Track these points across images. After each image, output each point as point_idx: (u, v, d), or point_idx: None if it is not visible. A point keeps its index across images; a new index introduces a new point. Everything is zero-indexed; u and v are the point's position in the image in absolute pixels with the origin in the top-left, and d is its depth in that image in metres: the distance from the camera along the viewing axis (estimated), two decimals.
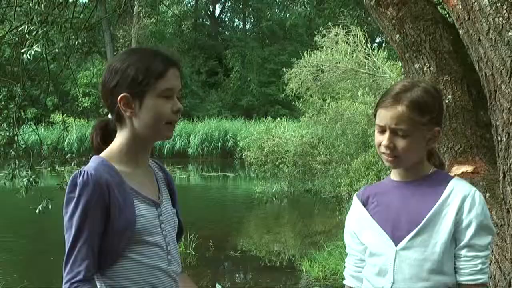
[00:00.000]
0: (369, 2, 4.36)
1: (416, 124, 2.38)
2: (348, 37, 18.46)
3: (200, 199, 20.10)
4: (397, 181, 2.53)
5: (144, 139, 2.37)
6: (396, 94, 2.42)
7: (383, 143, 2.42)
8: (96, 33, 9.86)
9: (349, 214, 2.66)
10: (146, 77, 2.28)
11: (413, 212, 2.42)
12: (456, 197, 2.38)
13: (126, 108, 2.29)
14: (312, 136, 18.58)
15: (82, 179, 2.20)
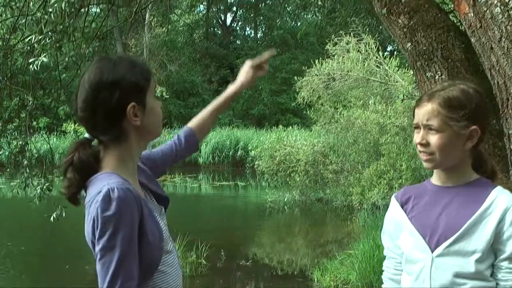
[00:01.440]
0: (380, 10, 4.35)
1: (446, 119, 2.37)
2: (360, 45, 18.46)
3: (211, 208, 20.09)
4: (438, 186, 2.49)
5: (144, 144, 2.33)
6: (431, 93, 2.44)
7: (417, 140, 2.43)
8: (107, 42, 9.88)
9: (386, 215, 2.64)
10: (146, 80, 2.25)
11: (452, 218, 2.39)
12: (498, 207, 2.33)
13: (135, 118, 2.20)
14: (324, 145, 18.56)
15: (117, 194, 2.03)
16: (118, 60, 2.27)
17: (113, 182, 2.08)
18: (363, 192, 15.85)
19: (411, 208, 2.52)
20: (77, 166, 2.22)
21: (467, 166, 2.46)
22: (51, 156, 14.60)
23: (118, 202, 2.02)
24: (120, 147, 2.24)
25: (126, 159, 2.26)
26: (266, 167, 18.91)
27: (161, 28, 37.62)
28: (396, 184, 15.20)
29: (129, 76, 2.19)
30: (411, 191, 2.58)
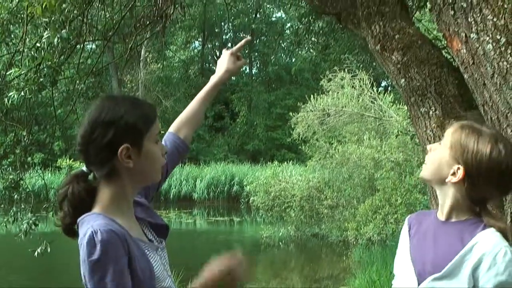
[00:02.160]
0: (374, 47, 4.39)
1: (445, 144, 2.43)
2: (354, 81, 18.59)
3: (206, 243, 19.99)
4: (437, 219, 2.50)
5: (138, 186, 2.31)
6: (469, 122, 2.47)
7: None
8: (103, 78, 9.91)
9: (400, 238, 2.65)
10: (146, 124, 2.23)
11: (439, 255, 2.39)
12: (476, 251, 2.30)
13: (127, 159, 2.19)
14: (319, 180, 18.57)
15: (100, 237, 2.02)
16: (121, 99, 2.30)
17: (97, 224, 2.06)
18: (359, 227, 15.82)
19: (413, 235, 2.54)
20: (70, 199, 2.23)
21: (462, 204, 2.44)
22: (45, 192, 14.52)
23: (102, 245, 2.00)
24: (113, 185, 2.24)
25: (118, 197, 2.24)
26: (261, 203, 18.88)
27: (157, 64, 37.77)
28: (392, 219, 15.18)
29: (127, 117, 2.19)
30: (419, 217, 2.61)
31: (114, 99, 2.32)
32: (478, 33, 3.16)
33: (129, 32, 8.23)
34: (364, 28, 4.51)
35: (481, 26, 3.15)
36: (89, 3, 6.92)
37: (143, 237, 2.30)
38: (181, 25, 38.68)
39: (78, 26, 6.95)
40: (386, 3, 4.43)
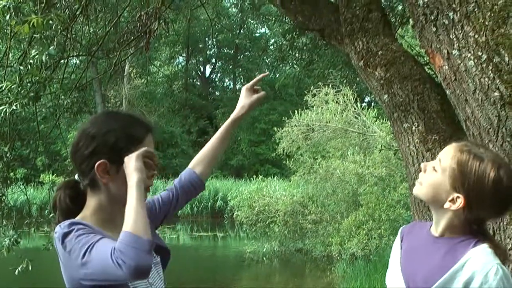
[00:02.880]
0: (357, 63, 4.42)
1: (443, 168, 2.39)
2: (338, 97, 18.65)
3: (190, 259, 19.91)
4: (430, 234, 2.48)
5: (122, 203, 2.25)
6: (468, 145, 2.43)
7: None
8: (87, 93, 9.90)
9: (393, 247, 2.64)
10: (127, 144, 2.24)
11: (430, 271, 2.38)
12: (467, 269, 2.29)
13: (103, 175, 2.24)
14: (303, 195, 18.57)
15: (71, 222, 2.14)
16: (114, 116, 2.38)
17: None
18: (342, 243, 15.82)
19: (405, 247, 2.54)
20: (57, 206, 2.34)
21: (457, 223, 2.43)
22: (28, 207, 14.44)
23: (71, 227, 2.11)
24: (95, 197, 2.29)
25: (100, 209, 2.29)
26: (245, 218, 18.85)
27: (140, 79, 37.74)
28: (375, 235, 15.20)
29: (110, 134, 2.24)
30: (412, 228, 2.61)
31: (109, 114, 2.43)
32: (460, 50, 3.19)
33: (113, 47, 8.23)
34: (348, 44, 4.54)
35: (462, 42, 3.18)
36: (73, 18, 6.93)
37: None
38: (165, 41, 38.69)
39: (62, 41, 6.94)
40: (369, 19, 4.47)
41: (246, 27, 51.27)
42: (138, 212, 2.06)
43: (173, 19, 11.67)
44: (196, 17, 40.56)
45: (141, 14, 7.25)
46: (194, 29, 47.06)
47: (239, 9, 48.69)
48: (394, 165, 16.31)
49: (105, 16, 8.31)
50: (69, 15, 6.75)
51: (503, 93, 2.95)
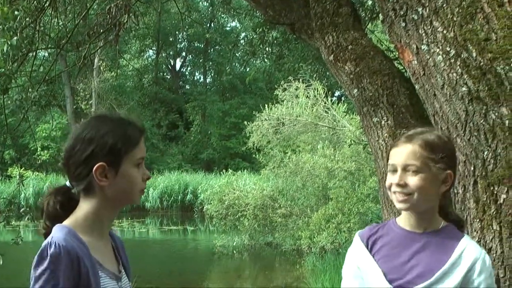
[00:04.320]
0: (327, 57, 4.43)
1: (427, 160, 2.43)
2: (308, 91, 18.69)
3: (160, 252, 19.86)
4: (408, 231, 2.52)
5: (115, 207, 2.32)
6: (409, 135, 2.50)
7: (394, 181, 2.45)
8: (56, 86, 9.80)
9: (351, 254, 2.62)
10: (125, 145, 2.24)
11: (423, 267, 2.43)
12: (467, 258, 2.40)
13: (101, 178, 2.23)
14: (273, 189, 18.60)
15: (54, 250, 2.09)
16: (108, 119, 2.34)
17: (56, 238, 2.13)
18: (312, 236, 15.88)
19: (378, 250, 2.54)
20: (45, 212, 2.30)
21: (436, 212, 2.52)
22: None
23: (50, 259, 2.07)
24: (89, 202, 2.27)
25: (92, 215, 2.27)
26: (215, 211, 18.83)
27: (110, 72, 37.44)
28: (345, 228, 15.28)
29: (107, 137, 2.23)
30: (378, 232, 2.59)
31: (102, 117, 2.37)
32: (429, 45, 3.22)
33: (83, 40, 8.16)
34: (318, 38, 4.55)
35: (431, 38, 3.21)
36: (41, 10, 6.85)
37: (108, 264, 2.32)
38: (135, 34, 38.51)
39: (31, 33, 6.87)
40: (339, 14, 4.49)
41: (216, 21, 51.14)
42: None
43: (143, 12, 11.61)
44: (167, 10, 40.40)
45: (110, 7, 7.20)
46: (164, 23, 46.90)
47: (210, 2, 48.65)
48: (364, 159, 16.41)
49: (74, 9, 8.23)
50: (37, 6, 6.68)
51: (471, 88, 2.99)
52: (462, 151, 3.03)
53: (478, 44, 3.02)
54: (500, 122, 2.88)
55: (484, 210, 2.91)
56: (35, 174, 31.79)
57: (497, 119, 2.89)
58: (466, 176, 3.01)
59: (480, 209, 2.93)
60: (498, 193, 2.86)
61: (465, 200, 3.03)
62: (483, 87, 2.96)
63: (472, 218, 2.97)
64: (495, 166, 2.87)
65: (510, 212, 2.81)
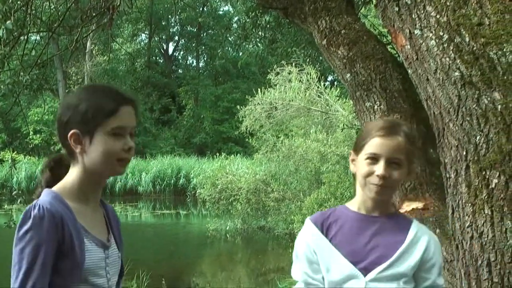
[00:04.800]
0: (320, 41, 4.43)
1: (410, 154, 2.48)
2: (301, 75, 18.67)
3: (152, 236, 19.90)
4: (363, 215, 2.55)
5: (95, 176, 2.33)
6: (391, 126, 2.51)
7: (379, 172, 2.45)
8: (48, 70, 9.76)
9: (303, 240, 2.64)
10: (97, 115, 2.26)
11: (383, 247, 2.49)
12: (423, 238, 2.50)
13: (76, 144, 2.27)
14: (266, 173, 18.63)
15: (37, 212, 2.14)
16: (92, 88, 2.44)
17: (43, 200, 2.21)
18: (304, 220, 15.90)
19: (335, 234, 2.56)
20: (43, 178, 2.43)
21: (392, 197, 2.65)
22: None
23: (33, 220, 2.14)
24: (75, 169, 2.33)
25: (77, 182, 2.33)
26: (208, 195, 18.86)
27: (103, 56, 37.31)
28: None
29: (82, 105, 2.27)
30: (330, 217, 2.61)
31: (87, 87, 2.49)
32: (422, 30, 3.22)
33: (75, 24, 8.12)
34: (311, 23, 4.54)
35: (424, 22, 3.21)
36: None
37: (95, 231, 2.35)
38: (128, 18, 38.29)
39: (22, 17, 6.83)
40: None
41: (209, 5, 51.01)
42: None
43: None
44: None
45: None
46: (157, 7, 46.70)
47: None
48: None
49: None
50: None
51: (464, 73, 2.99)
52: (455, 136, 3.03)
53: (471, 29, 3.03)
54: (492, 107, 2.88)
55: (476, 195, 2.92)
56: (27, 158, 31.77)
57: (490, 104, 2.90)
58: (458, 161, 3.02)
59: (472, 194, 2.94)
60: (490, 177, 2.87)
61: (457, 184, 3.04)
62: (476, 72, 2.96)
63: (464, 203, 2.98)
64: (487, 150, 2.88)
65: (501, 197, 2.83)
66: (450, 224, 3.15)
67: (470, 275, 2.94)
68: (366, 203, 2.55)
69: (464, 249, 2.97)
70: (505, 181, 2.82)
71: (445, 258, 3.41)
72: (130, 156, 2.35)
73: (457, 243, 3.04)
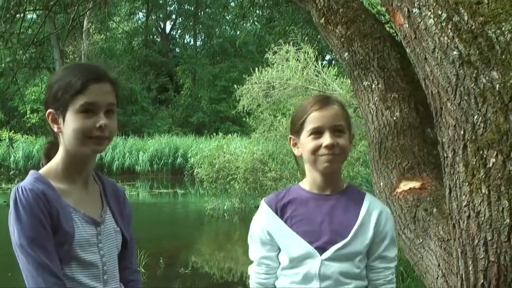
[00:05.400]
0: (318, 20, 4.41)
1: (348, 120, 2.60)
2: (299, 55, 18.61)
3: (150, 216, 19.91)
4: (317, 194, 2.63)
5: (74, 154, 2.34)
6: (323, 99, 2.62)
7: (326, 142, 2.51)
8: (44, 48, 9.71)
9: (258, 221, 2.71)
10: (64, 93, 2.28)
11: (337, 225, 2.56)
12: (374, 212, 2.59)
13: (53, 124, 2.32)
14: (263, 153, 18.62)
15: (22, 195, 2.18)
16: (66, 67, 2.42)
17: (25, 182, 2.26)
18: None
19: (290, 215, 2.62)
20: (42, 158, 2.47)
21: (341, 173, 2.73)
22: None
23: (21, 201, 2.18)
24: (60, 149, 2.37)
25: (62, 162, 2.36)
26: (205, 175, 18.87)
27: (100, 35, 37.20)
28: None
29: (54, 85, 2.32)
30: (284, 198, 2.66)
31: (65, 67, 2.45)
32: (420, 8, 3.20)
33: (71, 2, 8.08)
34: (308, 1, 4.52)
35: (423, 1, 3.19)
36: None
37: (84, 209, 2.37)
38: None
39: None
40: None
41: None
42: None
43: None
44: None
45: None
46: None
47: None
48: (354, 123, 16.38)
49: None
50: None
51: (462, 52, 2.98)
52: (452, 115, 3.03)
53: (470, 8, 3.01)
54: (490, 86, 2.88)
55: (473, 174, 2.92)
56: (24, 137, 31.75)
57: (488, 83, 2.89)
58: (456, 140, 3.02)
59: (470, 173, 2.94)
60: (487, 157, 2.87)
61: (455, 164, 3.03)
62: (474, 51, 2.95)
63: (461, 182, 2.98)
64: (484, 130, 2.88)
65: (498, 176, 2.83)
66: (447, 204, 3.15)
67: (467, 254, 2.94)
68: (317, 182, 2.62)
69: (461, 229, 2.98)
70: (503, 160, 2.82)
71: (442, 237, 3.42)
72: (107, 134, 2.32)
73: (454, 223, 3.05)
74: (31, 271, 2.17)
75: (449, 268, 3.32)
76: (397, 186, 3.77)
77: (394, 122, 3.91)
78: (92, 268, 2.33)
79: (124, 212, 2.61)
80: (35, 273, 2.16)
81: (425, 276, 3.51)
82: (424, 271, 3.50)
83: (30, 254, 2.16)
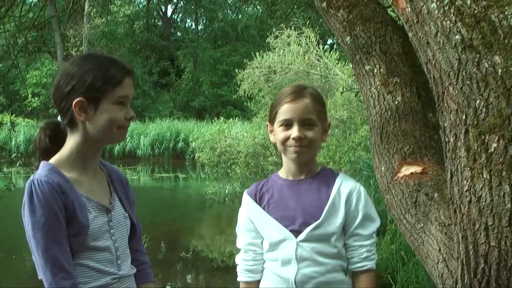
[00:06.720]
0: (320, 4, 4.39)
1: (320, 114, 2.69)
2: (300, 39, 18.56)
3: (151, 200, 19.94)
4: (291, 180, 2.78)
5: (96, 143, 2.40)
6: (296, 91, 2.70)
7: (294, 135, 2.64)
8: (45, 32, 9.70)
9: (242, 211, 2.89)
10: (104, 84, 2.32)
11: (309, 207, 2.67)
12: (344, 191, 2.68)
13: (80, 113, 2.33)
14: (264, 137, 18.62)
15: (37, 187, 2.21)
16: (94, 57, 2.45)
17: (39, 174, 2.29)
18: None
19: (267, 203, 2.78)
20: (38, 147, 2.47)
21: (315, 159, 2.81)
22: None
23: (36, 195, 2.21)
24: (74, 137, 2.39)
25: (76, 151, 2.39)
26: (206, 159, 18.90)
27: (101, 18, 37.05)
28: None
29: (88, 74, 2.32)
30: (263, 187, 2.86)
31: (88, 56, 2.52)
32: None
33: None
34: None
35: None
36: None
37: (96, 196, 2.43)
38: None
39: None
40: None
41: None
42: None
43: None
44: None
45: None
46: None
47: None
48: (355, 108, 16.41)
49: None
50: None
51: (464, 36, 2.96)
52: (454, 100, 3.01)
53: None
54: (492, 70, 2.86)
55: (474, 159, 2.91)
56: (26, 121, 31.77)
57: (490, 67, 2.87)
58: (458, 125, 3.00)
59: (471, 158, 2.93)
60: (489, 142, 2.86)
61: (456, 148, 3.02)
62: (477, 35, 2.93)
63: (463, 167, 2.97)
64: (486, 115, 2.86)
65: (500, 161, 2.82)
66: (448, 188, 3.14)
67: (468, 239, 2.94)
68: (291, 169, 2.78)
69: (462, 213, 2.97)
70: (504, 145, 2.81)
71: (443, 222, 3.42)
72: (129, 124, 2.45)
73: (455, 207, 3.04)
74: (42, 263, 2.22)
75: (449, 253, 3.32)
76: (399, 171, 3.76)
77: (396, 106, 3.90)
78: (106, 254, 2.40)
79: (129, 197, 2.66)
80: (45, 266, 2.21)
81: (425, 261, 3.51)
82: (425, 255, 3.50)
83: (42, 247, 2.20)
